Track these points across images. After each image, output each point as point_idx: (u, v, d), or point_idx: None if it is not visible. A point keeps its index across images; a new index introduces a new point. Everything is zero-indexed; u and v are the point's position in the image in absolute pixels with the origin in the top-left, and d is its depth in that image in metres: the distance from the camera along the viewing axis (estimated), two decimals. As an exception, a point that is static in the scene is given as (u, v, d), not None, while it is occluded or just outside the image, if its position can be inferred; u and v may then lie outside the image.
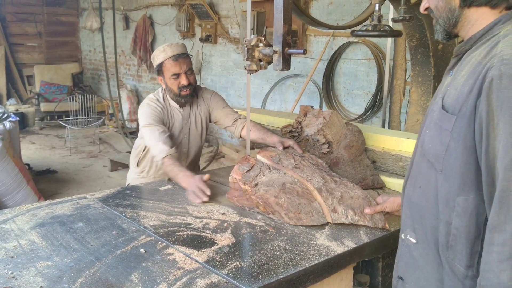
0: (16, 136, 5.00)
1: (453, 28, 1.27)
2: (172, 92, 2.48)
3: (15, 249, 1.53)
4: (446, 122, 1.19)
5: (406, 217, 1.39)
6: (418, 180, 1.33)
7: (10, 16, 9.53)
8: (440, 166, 1.22)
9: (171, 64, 2.42)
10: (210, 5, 6.57)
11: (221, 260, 1.50)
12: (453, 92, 1.20)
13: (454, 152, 1.18)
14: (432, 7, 1.29)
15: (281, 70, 1.84)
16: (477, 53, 1.19)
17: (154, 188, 2.21)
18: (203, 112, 2.64)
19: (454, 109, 1.18)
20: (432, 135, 1.26)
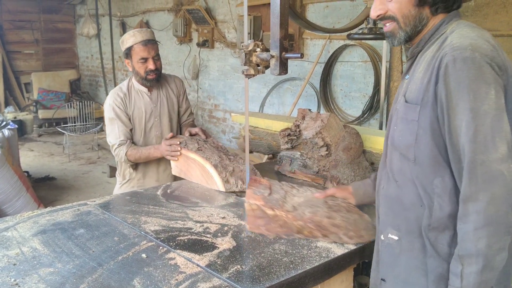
0: (15, 144, 5.01)
1: (416, 35, 1.33)
2: (138, 75, 2.60)
3: (17, 256, 1.53)
4: (412, 113, 1.27)
5: (385, 216, 1.43)
6: (393, 176, 1.38)
7: (7, 24, 9.54)
8: (413, 155, 1.29)
9: (140, 48, 2.53)
10: (207, 10, 6.59)
11: (222, 264, 1.51)
12: (413, 87, 1.28)
13: (423, 139, 1.25)
14: (398, 15, 1.31)
15: (279, 74, 1.86)
16: (429, 51, 1.29)
17: (154, 194, 2.22)
18: (175, 97, 2.76)
19: (417, 100, 1.26)
20: (401, 129, 1.33)
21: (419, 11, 1.30)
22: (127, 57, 2.59)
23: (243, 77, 2.01)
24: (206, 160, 2.29)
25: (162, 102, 2.70)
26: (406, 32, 1.32)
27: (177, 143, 2.40)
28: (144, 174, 2.67)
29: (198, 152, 2.34)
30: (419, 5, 1.29)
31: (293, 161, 2.48)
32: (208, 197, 2.18)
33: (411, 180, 1.31)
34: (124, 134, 2.58)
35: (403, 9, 1.30)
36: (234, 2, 6.18)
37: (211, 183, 2.28)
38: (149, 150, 2.53)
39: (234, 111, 6.48)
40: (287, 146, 2.49)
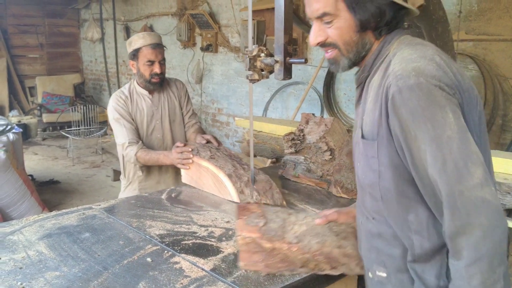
0: (19, 148, 5.03)
1: (361, 60, 1.25)
2: (142, 77, 2.61)
3: (23, 260, 1.55)
4: (370, 149, 1.19)
5: (368, 252, 1.33)
6: (369, 213, 1.29)
7: (12, 28, 9.60)
8: (379, 194, 1.21)
9: (149, 51, 2.56)
10: (211, 14, 6.62)
11: (227, 268, 1.51)
12: (367, 119, 1.20)
13: (386, 175, 1.17)
14: (339, 42, 1.21)
15: (283, 79, 1.87)
16: (376, 77, 1.20)
17: (158, 198, 2.23)
18: (176, 100, 2.78)
19: (373, 135, 1.18)
20: (363, 166, 1.25)
21: (361, 36, 1.20)
22: (133, 59, 2.61)
23: (247, 81, 2.02)
24: (220, 169, 2.20)
25: (163, 105, 2.72)
26: (349, 59, 1.24)
27: (189, 151, 2.33)
28: (146, 176, 2.69)
29: (211, 160, 2.26)
30: (360, 31, 1.20)
31: (297, 166, 2.49)
32: (212, 201, 2.19)
33: (385, 219, 1.23)
34: (133, 133, 2.58)
35: (344, 36, 1.20)
36: (237, 7, 6.21)
37: (225, 193, 2.19)
38: (158, 156, 2.50)
39: (237, 115, 6.50)
40: (291, 150, 2.50)
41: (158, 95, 2.72)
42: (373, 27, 1.19)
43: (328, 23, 1.21)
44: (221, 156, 2.32)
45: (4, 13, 9.43)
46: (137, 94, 2.68)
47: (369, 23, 1.19)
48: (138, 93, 2.68)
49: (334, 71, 1.30)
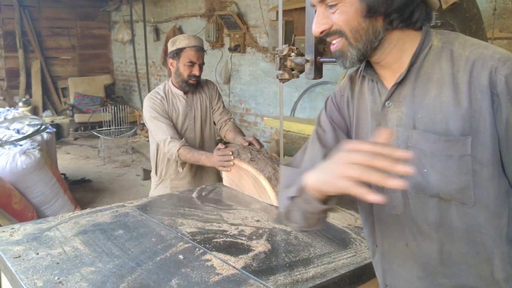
0: (53, 147, 5.17)
1: (372, 52, 1.07)
2: (180, 77, 2.66)
3: (60, 256, 1.59)
4: (458, 147, 0.99)
5: None
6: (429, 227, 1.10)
7: (45, 30, 9.86)
8: (472, 199, 1.01)
9: (192, 52, 2.62)
10: (239, 15, 6.65)
11: (258, 266, 1.52)
12: (439, 116, 1.03)
13: (484, 175, 1.00)
14: (345, 29, 1.05)
15: (314, 78, 1.87)
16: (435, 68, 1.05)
17: (189, 196, 2.26)
18: (208, 101, 2.82)
19: (463, 130, 0.99)
20: (444, 170, 1.02)
21: (371, 23, 1.03)
22: (174, 57, 2.65)
23: (274, 81, 2.03)
24: (260, 172, 2.20)
25: (196, 105, 2.77)
26: (358, 49, 1.06)
27: (230, 153, 2.36)
28: (177, 174, 2.73)
29: (251, 163, 2.27)
30: (369, 16, 1.03)
31: (327, 165, 2.48)
32: (242, 200, 2.20)
33: (465, 230, 1.04)
34: (173, 130, 2.61)
35: (351, 21, 1.04)
36: (266, 7, 6.22)
37: (264, 196, 2.19)
38: (200, 156, 2.51)
39: (265, 115, 6.51)
40: (321, 150, 2.49)
41: (192, 96, 2.76)
42: (382, 12, 1.03)
43: (332, 7, 1.05)
44: (261, 159, 2.31)
45: (38, 16, 9.69)
46: (172, 94, 2.73)
47: (378, 7, 1.02)
48: (174, 94, 2.73)
49: (340, 65, 1.11)
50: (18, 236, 1.74)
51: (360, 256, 1.62)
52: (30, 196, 4.31)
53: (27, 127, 4.77)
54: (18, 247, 1.65)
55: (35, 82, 9.53)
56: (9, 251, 1.61)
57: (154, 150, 2.77)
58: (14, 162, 4.12)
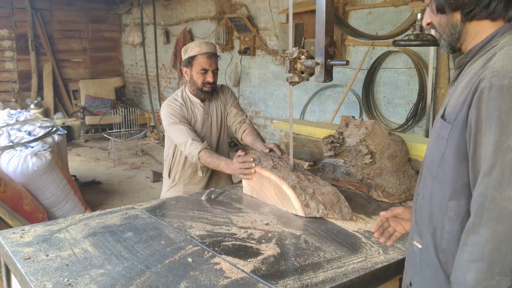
0: (64, 149, 5.20)
1: (457, 42, 1.28)
2: (195, 85, 2.63)
3: (69, 257, 1.59)
4: (443, 130, 1.23)
5: (414, 223, 1.41)
6: (420, 186, 1.38)
7: (57, 33, 9.96)
8: (436, 172, 1.26)
9: (204, 59, 2.58)
10: (249, 18, 6.66)
11: (267, 270, 1.52)
12: (452, 102, 1.24)
13: (448, 158, 1.22)
14: (435, 23, 1.30)
15: (324, 81, 1.86)
16: (476, 64, 1.22)
17: (198, 199, 2.25)
18: (223, 106, 2.79)
19: (450, 118, 1.22)
20: (431, 143, 1.31)
21: (447, 17, 1.26)
22: (187, 66, 2.62)
23: (284, 84, 2.03)
24: (283, 180, 2.08)
25: (212, 113, 2.74)
26: (444, 39, 1.30)
27: (251, 160, 2.24)
28: (191, 179, 2.71)
29: (273, 170, 2.15)
30: (441, 12, 1.26)
31: (336, 169, 2.47)
32: (251, 203, 2.20)
33: (429, 196, 1.30)
34: (193, 133, 2.55)
35: (434, 18, 1.29)
36: (276, 10, 6.22)
37: (288, 206, 2.07)
38: (220, 162, 2.41)
39: (274, 118, 6.50)
40: (330, 153, 2.48)
41: (209, 103, 2.73)
42: (453, 8, 1.23)
43: (427, 6, 1.32)
44: (284, 166, 2.21)
45: (50, 19, 9.80)
46: (190, 102, 2.69)
47: (444, 5, 1.24)
48: (192, 101, 2.69)
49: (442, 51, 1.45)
50: (28, 238, 1.75)
51: (371, 261, 1.60)
52: (41, 198, 4.35)
53: (39, 129, 4.81)
54: (28, 249, 1.65)
55: (46, 85, 9.63)
56: (20, 253, 1.62)
57: (170, 155, 2.73)
58: (26, 163, 4.15)
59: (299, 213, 2.01)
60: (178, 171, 2.73)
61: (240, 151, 2.34)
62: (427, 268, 1.31)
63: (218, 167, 2.43)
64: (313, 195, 2.03)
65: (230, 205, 2.17)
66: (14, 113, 5.28)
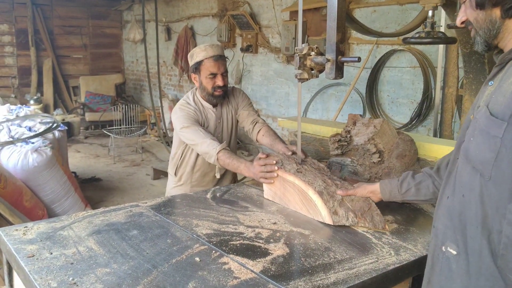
0: (64, 145, 5.16)
1: (494, 39, 1.27)
2: (205, 91, 2.54)
3: (74, 256, 1.55)
4: (496, 128, 1.17)
5: (446, 228, 1.36)
6: (460, 188, 1.31)
7: (57, 29, 9.91)
8: (489, 174, 1.20)
9: (211, 64, 2.48)
10: (251, 15, 6.62)
11: (277, 270, 1.48)
12: (500, 99, 1.19)
13: (506, 158, 1.16)
14: (471, 19, 1.28)
15: (334, 78, 1.82)
16: None
17: (203, 197, 2.21)
18: (234, 110, 2.71)
19: (504, 115, 1.16)
20: (478, 142, 1.23)
21: (486, 13, 1.24)
22: (195, 72, 2.54)
23: (286, 82, 1.99)
24: (309, 185, 1.93)
25: (224, 118, 2.68)
26: (480, 36, 1.28)
27: (273, 163, 2.09)
28: (199, 182, 2.67)
29: (297, 174, 2.00)
30: (480, 8, 1.24)
31: (343, 168, 2.43)
32: (257, 202, 2.16)
33: (478, 198, 1.23)
34: (210, 134, 2.47)
35: (472, 14, 1.28)
36: (279, 8, 6.18)
37: (314, 213, 1.92)
38: (240, 164, 2.29)
39: (276, 116, 6.47)
40: (337, 152, 2.45)
41: (221, 108, 2.66)
42: (493, 4, 1.22)
43: (464, 3, 1.31)
44: (309, 170, 2.06)
45: (50, 15, 9.74)
46: (203, 106, 2.61)
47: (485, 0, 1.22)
48: (204, 106, 2.62)
49: (476, 49, 1.35)
50: (31, 235, 1.71)
51: (382, 262, 1.56)
52: (41, 194, 4.31)
53: (39, 124, 4.77)
54: (32, 246, 1.61)
55: (46, 81, 9.58)
56: (23, 250, 1.58)
57: (178, 154, 2.67)
58: (26, 159, 4.11)
59: (326, 221, 1.87)
60: (186, 172, 2.68)
61: (261, 153, 2.19)
62: (463, 275, 1.27)
63: (237, 169, 2.31)
64: (341, 202, 1.89)
65: (236, 203, 2.13)
66: (14, 109, 5.23)
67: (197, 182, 2.67)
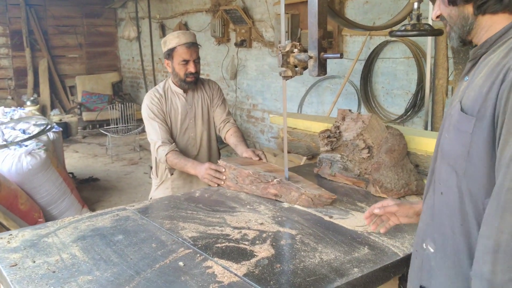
0: (59, 146, 5.14)
1: (467, 35, 1.26)
2: (177, 76, 2.60)
3: (57, 264, 1.54)
4: (466, 124, 1.17)
5: (427, 225, 1.35)
6: (439, 186, 1.29)
7: (51, 29, 9.87)
8: (463, 170, 1.19)
9: (184, 50, 2.54)
10: (244, 9, 6.57)
11: (260, 273, 1.46)
12: (471, 94, 1.18)
13: (477, 153, 1.16)
14: (445, 15, 1.27)
15: (317, 75, 1.80)
16: (495, 55, 1.18)
17: (191, 198, 2.20)
18: (209, 100, 2.76)
19: (472, 111, 1.16)
20: (451, 138, 1.24)
21: (459, 10, 1.23)
22: (168, 58, 2.60)
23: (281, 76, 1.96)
24: None
25: (197, 104, 2.71)
26: (455, 32, 1.27)
27: (223, 178, 2.31)
28: (179, 175, 2.68)
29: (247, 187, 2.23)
30: (452, 4, 1.23)
31: (333, 164, 2.41)
32: (245, 201, 2.14)
33: (457, 195, 1.22)
34: (166, 133, 2.58)
35: (446, 9, 1.26)
36: (271, 1, 6.13)
37: None
38: (187, 163, 2.47)
39: (272, 110, 6.44)
40: (327, 148, 2.42)
41: (192, 94, 2.71)
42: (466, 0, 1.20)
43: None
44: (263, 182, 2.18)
45: (44, 15, 9.70)
46: (172, 92, 2.68)
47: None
48: (173, 92, 2.68)
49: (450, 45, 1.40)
50: (15, 243, 1.70)
51: (370, 261, 1.55)
52: (37, 197, 4.30)
53: (33, 127, 4.75)
54: (15, 255, 1.60)
55: (42, 81, 9.55)
56: (6, 259, 1.57)
57: None
58: (20, 162, 4.10)
59: None
60: (164, 168, 2.68)
61: (221, 160, 2.36)
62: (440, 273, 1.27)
63: (184, 167, 2.47)
64: None
65: (225, 204, 2.11)
66: (9, 111, 5.21)
67: (177, 175, 2.68)
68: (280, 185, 2.11)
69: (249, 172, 2.21)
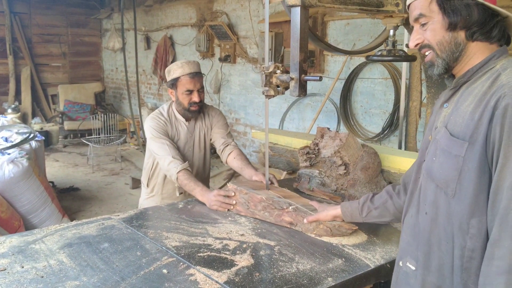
0: (41, 155, 5.15)
1: (454, 62, 1.31)
2: (181, 106, 2.62)
3: (45, 269, 1.60)
4: (457, 148, 1.24)
5: (407, 245, 1.42)
6: (423, 206, 1.36)
7: (36, 37, 9.86)
8: (453, 191, 1.26)
9: (187, 80, 2.56)
10: (229, 26, 6.71)
11: (240, 281, 1.55)
12: (459, 120, 1.26)
13: (468, 176, 1.22)
14: (434, 43, 1.30)
15: (298, 96, 1.91)
16: (478, 84, 1.26)
17: (175, 209, 2.28)
18: (207, 128, 2.78)
19: (464, 136, 1.23)
20: (441, 162, 1.29)
21: (453, 35, 1.28)
22: (172, 87, 2.61)
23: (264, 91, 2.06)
24: None
25: (196, 133, 2.74)
26: (443, 59, 1.31)
27: (233, 203, 2.22)
28: (171, 193, 2.72)
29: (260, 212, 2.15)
30: (451, 29, 1.28)
31: (312, 179, 2.52)
32: (227, 214, 2.23)
33: (445, 215, 1.29)
34: (175, 150, 2.54)
35: (437, 36, 1.29)
36: (256, 19, 6.28)
37: None
38: (196, 187, 2.37)
39: (255, 125, 6.55)
40: (306, 164, 2.53)
41: (194, 123, 2.73)
42: (462, 26, 1.26)
43: (423, 25, 1.32)
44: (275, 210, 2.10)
45: (29, 23, 9.69)
46: (175, 119, 2.69)
47: (458, 21, 1.26)
48: (177, 119, 2.69)
49: (431, 74, 1.37)
50: (3, 249, 1.75)
51: (343, 271, 1.65)
52: (18, 205, 4.30)
53: (16, 135, 4.76)
54: (3, 260, 1.66)
55: (24, 89, 9.51)
56: (-6, 264, 1.63)
57: (150, 164, 2.74)
58: (2, 170, 4.11)
59: None
60: (157, 183, 2.74)
61: (230, 184, 2.29)
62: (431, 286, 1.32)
63: (192, 191, 2.38)
64: None
65: (207, 215, 2.20)
66: (-9, 119, 5.21)
67: (167, 195, 2.72)
68: (296, 213, 2.03)
69: (262, 198, 2.13)
